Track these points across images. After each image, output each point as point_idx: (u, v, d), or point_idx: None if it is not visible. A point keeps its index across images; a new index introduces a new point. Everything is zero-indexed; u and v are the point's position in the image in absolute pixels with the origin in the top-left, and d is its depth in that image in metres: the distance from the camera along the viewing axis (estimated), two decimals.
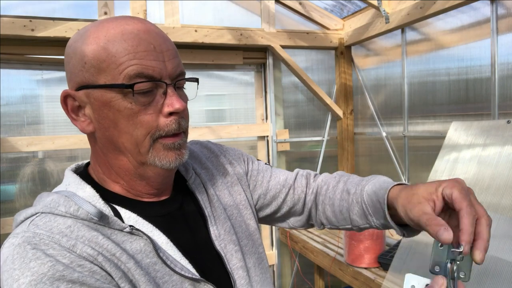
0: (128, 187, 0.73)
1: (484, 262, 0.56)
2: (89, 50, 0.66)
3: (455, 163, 1.84)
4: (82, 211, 0.64)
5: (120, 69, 0.64)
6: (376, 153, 2.97)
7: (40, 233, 0.60)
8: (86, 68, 0.67)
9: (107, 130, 0.68)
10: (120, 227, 0.67)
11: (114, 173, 0.73)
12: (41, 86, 2.49)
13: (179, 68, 0.70)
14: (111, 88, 0.65)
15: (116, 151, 0.70)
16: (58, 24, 2.28)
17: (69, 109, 0.72)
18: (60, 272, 0.56)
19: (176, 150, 0.70)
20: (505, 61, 1.97)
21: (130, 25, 0.67)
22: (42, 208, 0.65)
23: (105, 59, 0.65)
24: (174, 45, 0.71)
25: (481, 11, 2.06)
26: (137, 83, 0.64)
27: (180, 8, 2.60)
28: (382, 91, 2.87)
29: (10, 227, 2.29)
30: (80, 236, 0.62)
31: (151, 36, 0.67)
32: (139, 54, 0.65)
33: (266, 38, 2.83)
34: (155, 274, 0.67)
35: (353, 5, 2.89)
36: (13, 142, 2.32)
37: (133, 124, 0.67)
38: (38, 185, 2.47)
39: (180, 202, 0.80)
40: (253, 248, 0.86)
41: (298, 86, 3.08)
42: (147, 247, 0.68)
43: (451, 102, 2.29)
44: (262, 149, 3.03)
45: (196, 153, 0.91)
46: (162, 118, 0.68)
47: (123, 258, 0.64)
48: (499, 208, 1.55)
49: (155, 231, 0.71)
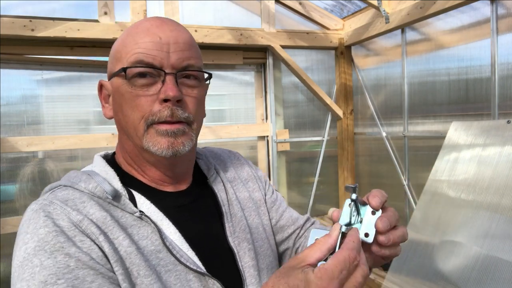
0: (142, 172, 0.77)
1: (484, 262, 0.56)
2: (115, 44, 0.76)
3: (455, 163, 1.85)
4: (99, 189, 0.69)
5: (127, 57, 0.71)
6: (376, 153, 2.97)
7: (55, 202, 0.66)
8: (111, 60, 0.76)
9: (117, 115, 0.75)
10: (131, 211, 0.70)
11: (129, 157, 0.77)
12: (41, 86, 2.49)
13: (188, 61, 0.72)
14: (119, 75, 0.72)
15: (125, 135, 0.75)
16: (58, 24, 2.28)
17: (102, 97, 0.79)
18: (60, 243, 0.61)
19: (169, 138, 0.71)
20: (505, 61, 1.97)
21: (148, 22, 0.73)
22: (65, 182, 0.71)
23: (120, 50, 0.73)
24: (192, 41, 0.75)
25: (481, 11, 2.06)
26: (132, 67, 0.70)
27: (180, 8, 2.60)
28: (382, 91, 2.86)
29: (10, 227, 2.30)
30: (90, 213, 0.66)
31: (161, 29, 0.72)
32: (144, 44, 0.70)
33: (266, 38, 2.83)
34: (158, 261, 0.68)
35: (353, 5, 2.89)
36: (13, 142, 2.32)
37: (131, 107, 0.71)
38: (38, 185, 2.46)
39: (196, 196, 0.81)
40: (268, 251, 0.86)
41: (298, 86, 3.08)
42: (154, 235, 0.70)
43: (451, 102, 2.29)
44: (262, 149, 3.03)
45: (222, 157, 0.96)
46: (157, 104, 0.71)
47: (125, 243, 0.66)
48: (499, 208, 1.55)
49: (164, 220, 0.73)
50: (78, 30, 2.31)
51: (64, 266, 0.59)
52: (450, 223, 1.71)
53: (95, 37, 2.35)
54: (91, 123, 2.62)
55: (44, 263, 0.59)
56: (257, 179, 0.96)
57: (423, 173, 2.52)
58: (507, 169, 1.59)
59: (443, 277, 1.59)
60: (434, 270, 1.64)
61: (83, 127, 2.59)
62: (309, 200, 3.11)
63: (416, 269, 1.71)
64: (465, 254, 1.57)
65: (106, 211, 0.68)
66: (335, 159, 3.23)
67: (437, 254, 1.68)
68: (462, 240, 1.61)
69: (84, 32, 2.33)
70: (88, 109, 2.61)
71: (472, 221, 1.62)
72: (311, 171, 3.14)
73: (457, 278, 1.54)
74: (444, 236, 1.71)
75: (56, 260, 0.59)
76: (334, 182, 3.22)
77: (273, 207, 0.97)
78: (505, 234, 1.47)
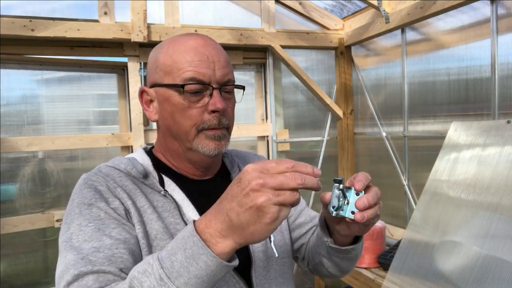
0: (177, 167, 0.92)
1: (484, 262, 0.57)
2: (161, 58, 0.87)
3: (455, 163, 1.85)
4: (135, 170, 0.86)
5: (179, 73, 0.84)
6: (376, 153, 2.97)
7: (99, 174, 0.84)
8: (157, 71, 0.88)
9: (165, 120, 0.88)
10: (158, 189, 0.86)
11: (169, 155, 0.92)
12: (41, 86, 2.49)
13: (228, 76, 0.87)
14: (171, 87, 0.85)
15: (171, 137, 0.89)
16: (58, 24, 2.27)
17: (143, 101, 0.92)
18: (95, 199, 0.79)
19: (216, 141, 0.86)
20: (505, 61, 1.97)
21: (193, 40, 0.86)
22: (110, 163, 0.89)
23: (170, 65, 0.85)
24: (228, 58, 0.90)
25: (481, 11, 2.06)
26: (188, 84, 0.83)
27: (180, 8, 2.60)
28: (382, 91, 2.86)
29: (10, 227, 2.30)
30: (124, 185, 0.84)
31: (207, 49, 0.85)
32: (194, 63, 0.83)
33: (266, 38, 2.83)
34: (175, 231, 0.82)
35: (353, 5, 2.89)
36: (13, 142, 2.32)
37: (183, 116, 0.85)
38: (38, 185, 2.47)
39: (218, 186, 0.89)
40: (280, 243, 0.97)
41: (298, 86, 3.08)
42: (175, 210, 0.85)
43: (451, 102, 2.29)
44: (262, 149, 3.03)
45: (247, 157, 1.09)
46: (207, 114, 0.85)
47: (149, 211, 0.82)
48: (499, 208, 1.55)
49: (185, 201, 0.87)
50: (78, 30, 2.31)
51: (96, 215, 0.77)
52: (450, 223, 1.71)
53: (95, 37, 2.35)
54: (91, 123, 2.62)
55: (82, 212, 0.78)
56: None
57: (423, 173, 2.51)
58: (507, 169, 1.59)
59: (443, 277, 1.59)
60: (434, 270, 1.64)
61: (83, 127, 2.59)
62: (309, 200, 3.11)
63: (416, 269, 1.71)
64: (465, 254, 1.57)
65: (138, 186, 0.85)
66: (335, 159, 3.23)
67: (437, 254, 1.68)
68: (462, 240, 1.62)
69: (84, 32, 2.33)
70: (88, 109, 2.61)
71: (472, 221, 1.62)
72: None
73: (457, 278, 1.54)
74: (444, 236, 1.71)
75: (91, 210, 0.78)
76: None
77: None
78: (505, 234, 1.47)
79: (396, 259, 1.83)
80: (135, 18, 2.41)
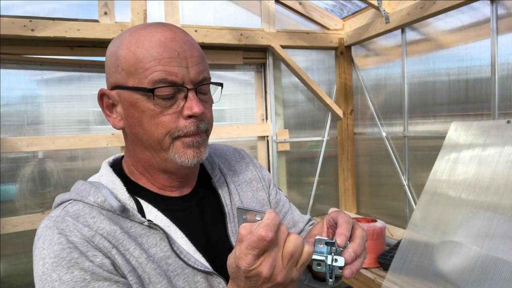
0: (152, 180, 0.80)
1: (484, 262, 0.57)
2: (122, 54, 0.73)
3: (455, 163, 1.84)
4: (107, 203, 0.72)
5: (146, 74, 0.71)
6: (376, 153, 2.97)
7: (67, 219, 0.70)
8: (118, 70, 0.74)
9: (133, 128, 0.75)
10: (140, 221, 0.74)
11: (141, 166, 0.80)
12: (41, 86, 2.49)
13: (203, 74, 0.74)
14: (138, 91, 0.72)
15: (142, 147, 0.77)
16: (58, 24, 2.27)
17: (104, 106, 0.78)
18: (75, 259, 0.65)
19: (194, 148, 0.75)
20: (505, 61, 1.97)
21: (159, 33, 0.72)
22: (75, 196, 0.75)
23: (134, 64, 0.72)
24: (202, 51, 0.77)
25: (481, 11, 2.06)
26: (158, 87, 0.70)
27: (180, 8, 2.60)
28: (382, 91, 2.86)
29: (10, 227, 2.30)
30: (101, 228, 0.70)
31: (177, 43, 0.72)
32: (163, 61, 0.70)
33: (266, 38, 2.83)
34: (167, 267, 0.72)
35: (353, 5, 2.89)
36: (13, 142, 2.32)
37: (154, 124, 0.73)
38: (38, 185, 2.47)
39: (200, 198, 0.84)
40: None
41: (298, 86, 3.08)
42: (163, 241, 0.74)
43: (451, 102, 2.29)
44: (262, 149, 3.03)
45: (227, 155, 0.97)
46: (182, 120, 0.73)
47: (136, 253, 0.71)
48: (499, 208, 1.55)
49: (172, 226, 0.76)
50: (78, 30, 2.31)
51: (81, 280, 0.64)
52: (450, 223, 1.71)
53: (95, 37, 2.35)
54: (91, 123, 2.62)
55: (63, 278, 0.64)
56: (261, 179, 0.97)
57: (423, 173, 2.51)
58: (507, 169, 1.59)
59: (443, 277, 1.59)
60: (434, 270, 1.64)
61: (83, 127, 2.59)
62: (309, 200, 3.11)
63: (416, 269, 1.71)
64: (465, 254, 1.57)
65: (116, 223, 0.72)
66: (335, 159, 3.22)
67: (437, 254, 1.68)
68: (462, 240, 1.61)
69: (84, 32, 2.33)
70: (88, 109, 2.61)
71: (472, 221, 1.62)
72: (311, 171, 3.14)
73: (457, 278, 1.54)
74: (444, 236, 1.71)
75: (73, 275, 0.64)
76: (334, 182, 3.22)
77: (276, 208, 0.98)
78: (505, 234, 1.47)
79: (396, 259, 1.83)
80: (135, 18, 2.41)
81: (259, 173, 0.98)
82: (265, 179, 0.99)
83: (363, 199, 3.15)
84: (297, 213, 1.04)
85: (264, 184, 0.97)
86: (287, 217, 1.00)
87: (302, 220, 1.03)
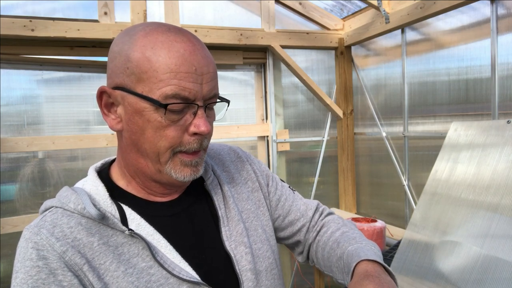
0: (143, 185, 0.78)
1: (484, 262, 0.57)
2: (134, 57, 0.68)
3: (455, 163, 1.84)
4: (87, 212, 0.70)
5: (159, 86, 0.67)
6: (376, 153, 2.97)
7: (42, 232, 0.68)
8: (128, 73, 0.69)
9: (134, 134, 0.72)
10: (120, 229, 0.71)
11: (133, 171, 0.77)
12: (41, 86, 2.49)
13: (214, 90, 0.72)
14: (148, 101, 0.68)
15: (138, 154, 0.74)
16: (58, 24, 2.27)
17: (102, 104, 0.74)
18: (42, 280, 0.64)
19: (192, 167, 0.74)
20: (505, 61, 1.97)
21: (179, 43, 0.68)
22: (56, 202, 0.73)
23: (147, 71, 0.67)
24: (215, 66, 0.74)
25: (481, 11, 2.06)
26: (172, 103, 0.67)
27: (180, 8, 2.60)
28: (382, 91, 2.86)
29: (10, 227, 2.30)
30: (77, 239, 0.68)
31: (195, 57, 0.69)
32: (179, 75, 0.67)
33: (266, 38, 2.83)
34: (149, 278, 0.69)
35: (353, 5, 2.89)
36: (13, 142, 2.32)
37: (159, 136, 0.70)
38: (38, 185, 2.47)
39: (189, 202, 0.81)
40: (267, 253, 0.86)
41: (298, 86, 3.08)
42: (145, 251, 0.71)
43: (451, 102, 2.29)
44: (262, 149, 3.03)
45: (221, 155, 0.94)
46: (187, 135, 0.71)
47: (112, 267, 0.68)
48: (499, 208, 1.55)
49: (155, 234, 0.74)
50: (78, 30, 2.31)
51: None
52: (450, 223, 1.71)
53: (95, 37, 2.35)
54: (91, 123, 2.62)
55: None
56: (258, 176, 0.94)
57: (423, 173, 2.51)
58: (507, 169, 1.59)
59: (443, 277, 1.59)
60: (434, 270, 1.64)
61: (83, 127, 2.59)
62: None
63: (416, 269, 1.71)
64: (465, 254, 1.57)
65: (95, 233, 0.70)
66: (335, 159, 3.23)
67: (437, 254, 1.68)
68: (462, 240, 1.61)
69: (84, 32, 2.33)
70: (88, 109, 2.61)
71: (472, 221, 1.62)
72: (311, 171, 3.15)
73: (457, 278, 1.54)
74: (444, 236, 1.71)
75: None
76: (334, 182, 3.22)
77: (278, 205, 0.96)
78: (505, 234, 1.47)
79: (396, 259, 1.83)
80: (135, 18, 2.41)
81: (257, 170, 0.95)
82: (263, 175, 0.96)
83: (363, 199, 3.15)
84: (302, 202, 1.00)
85: (262, 181, 0.95)
86: (293, 210, 0.97)
87: (310, 208, 0.99)
